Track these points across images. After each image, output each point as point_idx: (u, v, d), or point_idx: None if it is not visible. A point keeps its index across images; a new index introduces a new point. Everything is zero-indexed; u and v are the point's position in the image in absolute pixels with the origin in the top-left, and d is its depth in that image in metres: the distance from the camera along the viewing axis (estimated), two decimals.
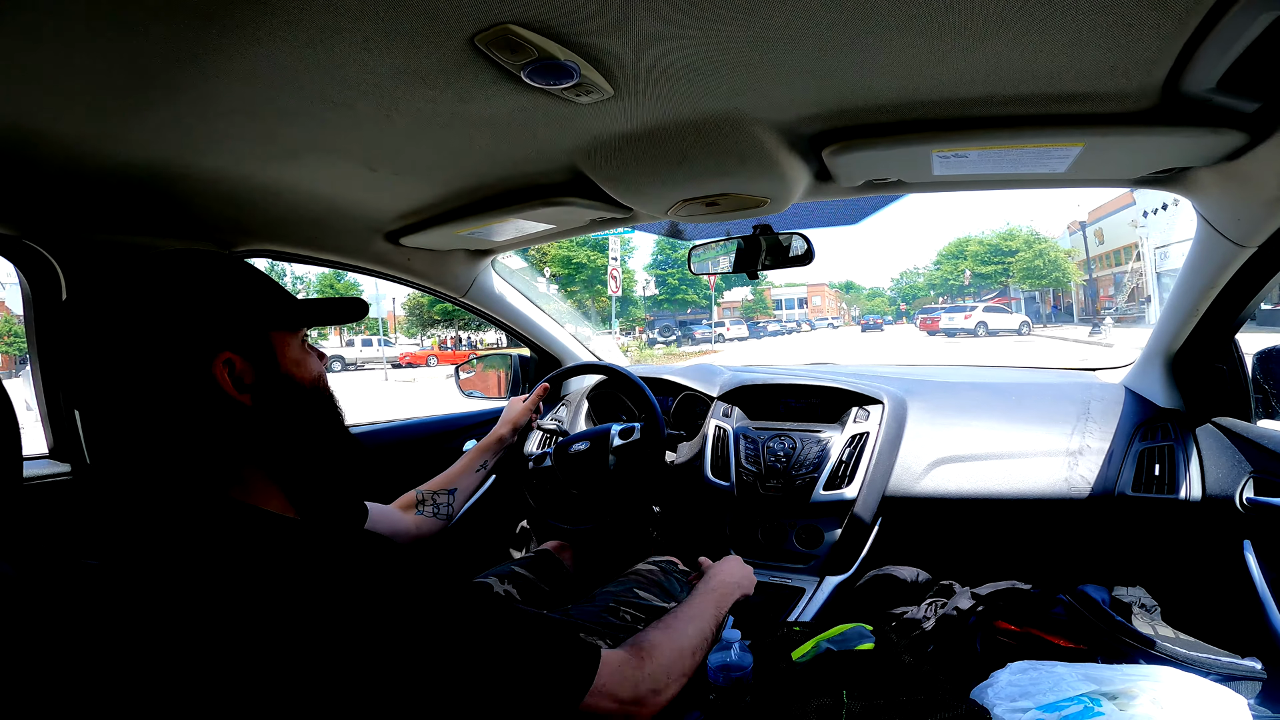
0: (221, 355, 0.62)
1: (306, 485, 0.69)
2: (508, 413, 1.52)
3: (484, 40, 0.69)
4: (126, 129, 0.87)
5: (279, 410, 0.66)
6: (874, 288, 73.08)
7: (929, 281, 53.68)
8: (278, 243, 1.40)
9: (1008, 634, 1.25)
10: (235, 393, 0.62)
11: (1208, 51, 0.71)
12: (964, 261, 42.16)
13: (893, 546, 1.62)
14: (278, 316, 0.69)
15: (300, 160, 1.05)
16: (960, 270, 42.30)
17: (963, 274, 41.98)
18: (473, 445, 1.45)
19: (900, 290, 63.52)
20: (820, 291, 65.29)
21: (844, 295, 69.86)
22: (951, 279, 44.40)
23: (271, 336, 0.68)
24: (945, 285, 46.85)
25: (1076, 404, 1.61)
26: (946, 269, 45.50)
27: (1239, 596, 1.22)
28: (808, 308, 62.07)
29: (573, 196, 1.28)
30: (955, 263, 44.10)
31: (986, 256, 39.74)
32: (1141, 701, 0.87)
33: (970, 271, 41.10)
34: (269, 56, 0.71)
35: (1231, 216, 1.07)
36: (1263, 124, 0.85)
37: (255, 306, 0.67)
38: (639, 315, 38.28)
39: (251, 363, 0.65)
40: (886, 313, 59.00)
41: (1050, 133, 0.96)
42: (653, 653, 0.79)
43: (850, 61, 0.79)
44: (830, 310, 63.40)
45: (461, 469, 1.36)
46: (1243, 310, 1.27)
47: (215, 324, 0.63)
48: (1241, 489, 1.26)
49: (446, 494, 1.30)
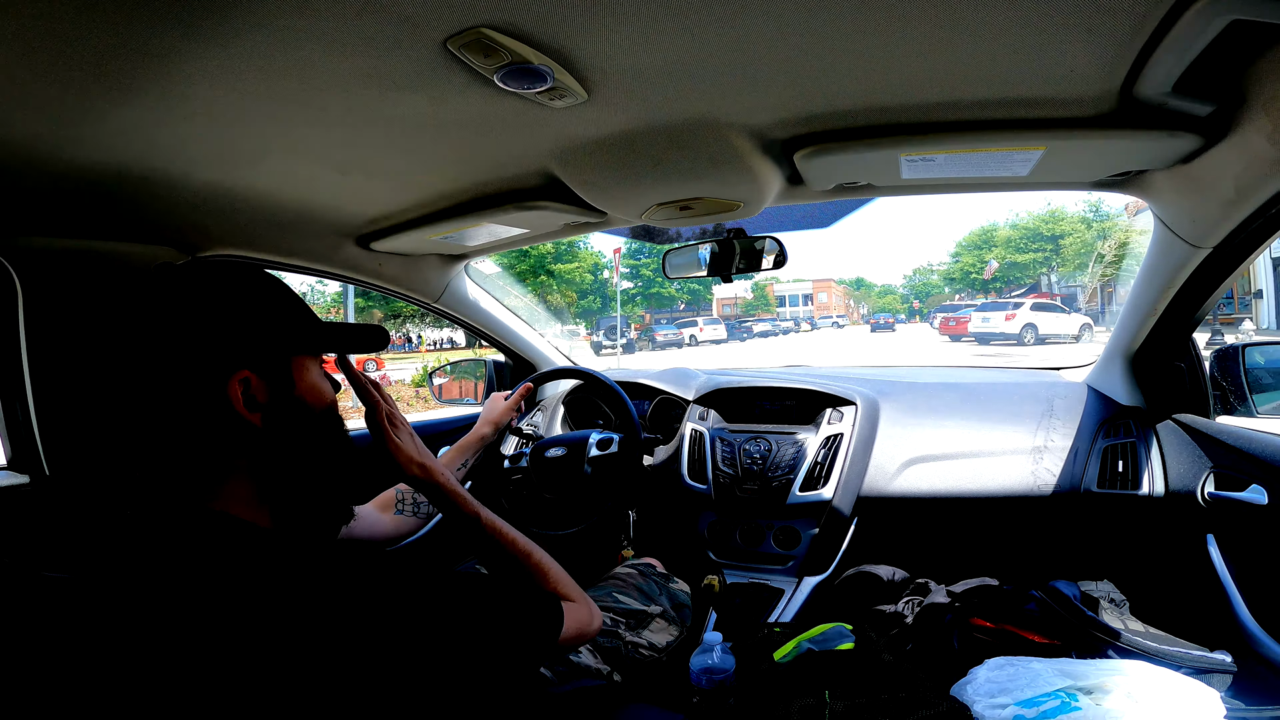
0: (239, 374, 0.61)
1: (296, 501, 0.68)
2: (489, 411, 1.49)
3: (457, 44, 0.69)
4: (86, 131, 0.84)
5: (287, 433, 0.66)
6: (885, 284, 69.99)
7: (946, 275, 48.77)
8: (243, 248, 1.36)
9: (983, 631, 1.27)
10: (246, 412, 0.62)
11: (1164, 56, 0.73)
12: (990, 251, 37.07)
13: (869, 546, 1.64)
14: (301, 341, 0.69)
15: (268, 164, 1.03)
16: (984, 261, 37.24)
17: (985, 266, 36.78)
18: (446, 450, 1.42)
19: (913, 287, 60.65)
20: (827, 287, 60.92)
21: (853, 291, 66.42)
22: (974, 271, 39.01)
23: (291, 360, 0.67)
24: (966, 279, 41.08)
25: (1041, 402, 1.65)
26: (968, 261, 40.02)
27: (1204, 589, 1.25)
28: (813, 304, 58.22)
29: (546, 200, 1.27)
30: (978, 253, 39.06)
31: (1023, 243, 34.15)
32: (1116, 696, 0.89)
33: (996, 263, 35.86)
34: (236, 58, 0.70)
35: (1188, 218, 1.11)
36: (1217, 127, 0.88)
37: (281, 328, 0.67)
38: (611, 312, 33.04)
39: (267, 383, 0.64)
40: (899, 310, 55.24)
41: (1013, 136, 0.98)
42: (572, 591, 0.85)
43: (822, 67, 0.80)
44: (838, 308, 58.98)
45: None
46: (1199, 309, 1.31)
47: (238, 342, 0.63)
48: (1203, 484, 1.29)
49: None
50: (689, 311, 42.57)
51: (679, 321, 33.83)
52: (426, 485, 0.84)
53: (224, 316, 0.63)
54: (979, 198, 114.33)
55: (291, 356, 0.67)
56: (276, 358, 0.65)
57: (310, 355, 0.70)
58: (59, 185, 0.99)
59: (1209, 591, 1.24)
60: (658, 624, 1.23)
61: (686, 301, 41.71)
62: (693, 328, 30.58)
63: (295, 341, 0.68)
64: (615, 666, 1.09)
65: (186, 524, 0.59)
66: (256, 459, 0.64)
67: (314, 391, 0.70)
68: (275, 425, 0.64)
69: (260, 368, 0.63)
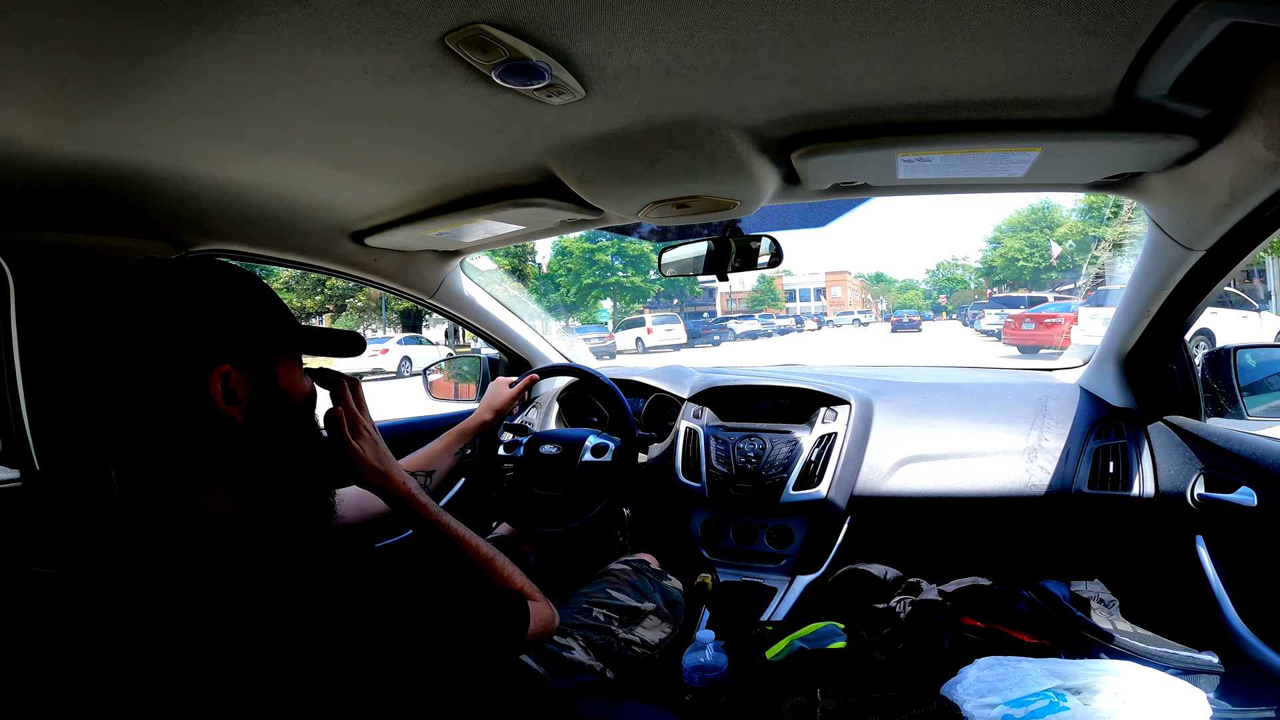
0: (220, 368, 0.61)
1: (276, 496, 0.68)
2: (492, 398, 1.48)
3: (455, 40, 0.68)
4: (81, 126, 0.84)
5: (267, 428, 0.66)
6: (907, 280, 64.75)
7: (985, 264, 40.16)
8: (238, 243, 1.36)
9: (974, 630, 1.27)
10: (226, 406, 0.62)
11: (1161, 58, 0.74)
12: (1049, 232, 30.99)
13: (862, 546, 1.65)
14: (280, 339, 0.69)
15: (263, 159, 1.02)
16: (1033, 245, 31.29)
17: (1042, 249, 30.85)
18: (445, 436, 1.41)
19: (937, 282, 55.39)
20: (842, 280, 55.82)
21: (871, 286, 61.74)
22: (1022, 258, 33.15)
23: (276, 357, 0.68)
24: (1012, 268, 35.01)
25: (1034, 403, 1.65)
26: (1013, 246, 34.29)
27: (1193, 590, 1.26)
28: (825, 299, 53.40)
29: (543, 197, 1.27)
30: (1027, 236, 33.31)
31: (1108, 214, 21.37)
32: (1104, 696, 0.90)
33: (1058, 246, 29.85)
34: (232, 53, 0.69)
35: (1181, 220, 1.11)
36: (1213, 130, 0.88)
37: (260, 324, 0.67)
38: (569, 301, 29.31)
39: (249, 379, 0.64)
40: (921, 307, 48.76)
41: (1009, 137, 0.98)
42: (533, 592, 0.87)
43: (819, 67, 0.80)
44: (854, 303, 53.41)
45: (441, 450, 1.33)
46: (1191, 312, 1.31)
47: (218, 336, 0.63)
48: (1193, 485, 1.30)
49: (425, 475, 1.27)
50: (665, 305, 37.08)
51: (626, 321, 26.33)
52: (385, 493, 0.83)
53: (204, 310, 0.63)
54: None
55: (275, 354, 0.68)
56: (259, 354, 0.66)
57: (288, 356, 0.70)
58: (53, 180, 0.99)
59: (1197, 592, 1.25)
60: (651, 621, 1.23)
61: (658, 293, 34.50)
62: (638, 328, 23.48)
63: (274, 338, 0.68)
64: (608, 663, 1.09)
65: (168, 520, 0.59)
66: (238, 454, 0.64)
67: (294, 386, 0.70)
68: (256, 420, 0.64)
69: (241, 363, 0.63)
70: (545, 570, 1.59)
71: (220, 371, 0.61)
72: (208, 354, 0.61)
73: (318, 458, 0.75)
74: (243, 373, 0.63)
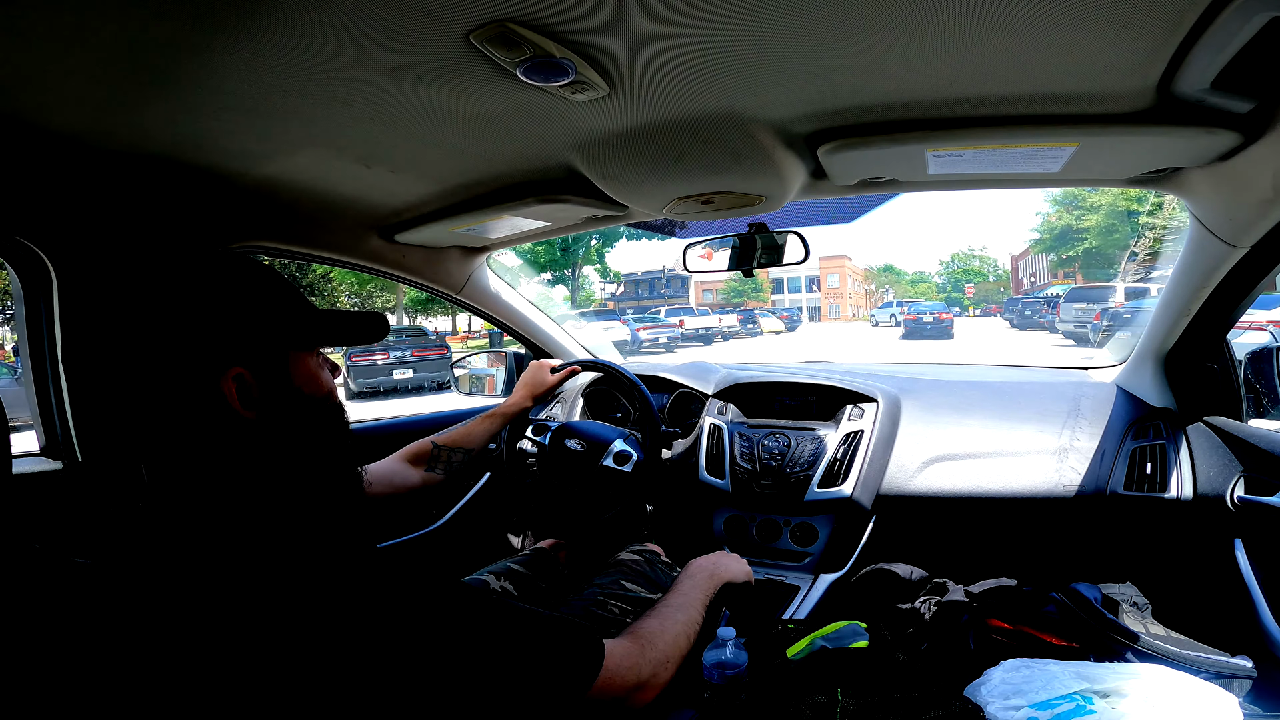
0: (233, 370, 0.61)
1: (296, 495, 0.68)
2: (533, 383, 1.48)
3: (480, 37, 0.69)
4: (123, 124, 0.87)
5: (283, 426, 0.65)
6: (918, 272, 59.43)
7: (1046, 239, 30.09)
8: (272, 239, 1.39)
9: (1001, 632, 1.25)
10: (241, 409, 0.61)
11: (1202, 52, 0.71)
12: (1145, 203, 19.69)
13: (887, 545, 1.63)
14: (297, 335, 0.68)
15: (295, 156, 1.04)
16: (1129, 216, 21.56)
17: (1135, 225, 20.64)
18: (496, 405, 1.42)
19: (951, 275, 50.79)
20: (839, 268, 45.92)
21: (876, 276, 56.29)
22: (1093, 241, 23.44)
23: (288, 354, 0.67)
24: (1065, 243, 26.36)
25: (1068, 402, 1.62)
26: (1067, 219, 25.89)
27: (1229, 595, 1.23)
28: (819, 290, 45.90)
29: (568, 194, 1.28)
30: (1089, 216, 23.74)
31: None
32: (1132, 699, 0.88)
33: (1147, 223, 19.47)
34: (265, 52, 0.71)
35: (1224, 216, 1.08)
36: (1256, 124, 0.85)
37: (275, 323, 0.66)
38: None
39: (262, 379, 0.63)
40: (935, 301, 37.97)
41: (1044, 132, 0.96)
42: (652, 640, 0.81)
43: (847, 61, 0.79)
44: (854, 295, 45.97)
45: (481, 431, 1.34)
46: (1235, 310, 1.27)
47: (232, 339, 0.62)
48: (1232, 487, 1.26)
49: (464, 453, 1.29)
50: (629, 298, 30.73)
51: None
52: None
53: (214, 314, 0.62)
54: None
55: (287, 350, 0.66)
56: (270, 353, 0.65)
57: (305, 350, 0.69)
58: (96, 178, 1.02)
59: (1234, 596, 1.22)
60: None
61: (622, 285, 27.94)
62: None
63: (289, 336, 0.67)
64: None
65: (193, 515, 0.59)
66: (257, 454, 0.63)
67: (312, 381, 0.69)
68: (270, 419, 0.63)
69: (254, 364, 0.62)
70: (575, 569, 1.60)
71: (234, 374, 0.61)
72: (219, 357, 0.61)
73: (340, 451, 0.73)
74: (256, 374, 0.62)
